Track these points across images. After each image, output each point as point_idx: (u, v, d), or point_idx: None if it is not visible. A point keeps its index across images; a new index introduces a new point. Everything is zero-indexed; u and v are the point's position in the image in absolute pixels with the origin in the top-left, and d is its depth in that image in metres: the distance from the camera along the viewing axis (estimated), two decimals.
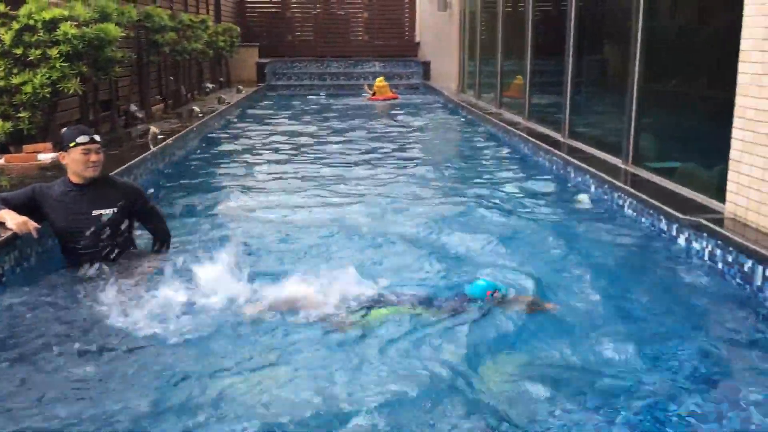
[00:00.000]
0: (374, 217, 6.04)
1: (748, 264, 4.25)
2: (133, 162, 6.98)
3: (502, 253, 4.98)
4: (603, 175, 6.64)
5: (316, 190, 7.29)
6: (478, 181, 7.93)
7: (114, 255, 4.41)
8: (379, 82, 17.90)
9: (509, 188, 7.42)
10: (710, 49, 5.88)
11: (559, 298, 4.11)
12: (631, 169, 6.86)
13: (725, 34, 5.05)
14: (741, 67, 4.75)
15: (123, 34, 8.31)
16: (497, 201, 6.77)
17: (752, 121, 4.62)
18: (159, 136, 8.61)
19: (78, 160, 4.34)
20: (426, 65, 21.05)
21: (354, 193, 7.15)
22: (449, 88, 17.77)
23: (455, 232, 5.48)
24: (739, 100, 4.77)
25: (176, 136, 9.07)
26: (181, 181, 7.66)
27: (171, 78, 12.72)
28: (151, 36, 10.79)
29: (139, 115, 10.23)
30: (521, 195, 7.10)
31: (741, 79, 4.75)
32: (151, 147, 7.99)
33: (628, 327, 3.77)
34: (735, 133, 4.84)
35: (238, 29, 18.75)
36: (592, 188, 6.87)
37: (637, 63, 6.74)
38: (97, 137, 4.41)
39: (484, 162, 9.26)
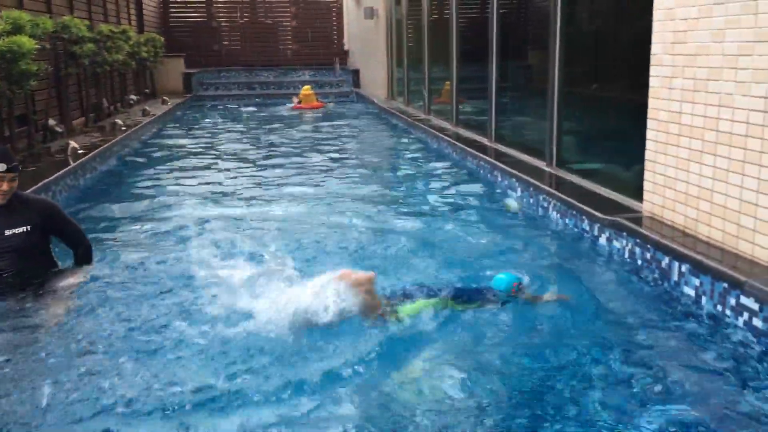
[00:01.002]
0: (304, 225, 6.02)
1: (665, 261, 4.40)
2: (50, 178, 6.75)
3: (433, 256, 5.02)
4: (528, 178, 6.78)
5: (246, 199, 7.24)
6: (407, 186, 7.98)
7: (33, 275, 4.24)
8: (305, 90, 17.92)
9: (438, 193, 7.51)
10: (625, 54, 6.07)
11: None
12: (555, 171, 7.02)
13: (639, 39, 5.22)
14: (652, 70, 4.92)
15: (38, 46, 8.02)
16: (427, 206, 6.85)
17: (664, 122, 4.79)
18: (79, 151, 8.35)
19: None
20: (355, 73, 21.11)
21: (285, 201, 7.12)
22: (379, 96, 17.85)
23: (381, 237, 5.51)
24: (652, 103, 4.94)
25: (97, 150, 8.81)
26: (103, 198, 7.43)
27: (92, 90, 12.36)
28: (69, 47, 10.47)
29: (59, 129, 9.89)
30: (451, 199, 7.19)
31: (653, 82, 4.92)
32: (71, 162, 7.74)
33: (552, 325, 3.84)
34: (649, 134, 5.00)
35: (162, 39, 18.41)
36: (518, 191, 6.99)
37: (556, 68, 6.90)
38: (12, 165, 4.14)
39: (413, 167, 9.33)
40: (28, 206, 4.34)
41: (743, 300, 3.68)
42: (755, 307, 3.59)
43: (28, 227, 4.24)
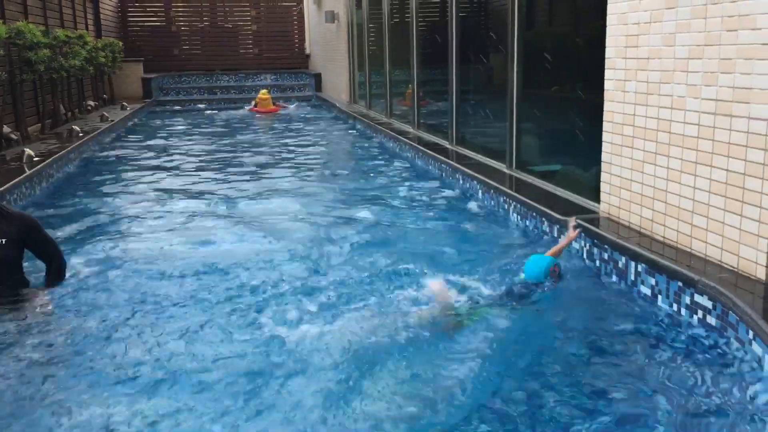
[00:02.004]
0: (265, 230, 5.98)
1: (622, 261, 4.47)
2: (5, 187, 6.61)
3: (399, 258, 5.04)
4: (488, 180, 6.84)
5: (210, 207, 7.18)
6: (370, 189, 7.98)
7: (4, 288, 4.16)
8: (263, 94, 17.89)
9: (401, 195, 7.53)
10: (582, 57, 6.17)
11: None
12: (515, 173, 7.09)
13: (595, 43, 5.30)
14: (607, 73, 5.00)
15: None
16: (389, 209, 6.87)
17: (619, 124, 4.87)
18: (35, 159, 8.19)
19: None
20: (317, 77, 21.07)
21: (247, 207, 7.09)
22: (341, 99, 17.84)
23: (342, 240, 5.53)
24: (607, 105, 5.02)
25: (53, 157, 8.65)
26: (60, 205, 7.30)
27: (48, 97, 12.12)
28: (24, 53, 10.26)
29: (14, 137, 9.69)
30: (413, 202, 7.22)
31: (607, 85, 5.00)
32: (26, 170, 7.59)
33: (512, 323, 3.88)
34: (605, 136, 5.08)
35: (121, 44, 18.15)
36: (479, 193, 7.05)
37: (514, 72, 6.98)
38: None
39: (375, 171, 9.33)
40: (7, 220, 4.29)
41: (697, 298, 3.76)
42: (709, 305, 3.67)
43: (3, 240, 4.20)
